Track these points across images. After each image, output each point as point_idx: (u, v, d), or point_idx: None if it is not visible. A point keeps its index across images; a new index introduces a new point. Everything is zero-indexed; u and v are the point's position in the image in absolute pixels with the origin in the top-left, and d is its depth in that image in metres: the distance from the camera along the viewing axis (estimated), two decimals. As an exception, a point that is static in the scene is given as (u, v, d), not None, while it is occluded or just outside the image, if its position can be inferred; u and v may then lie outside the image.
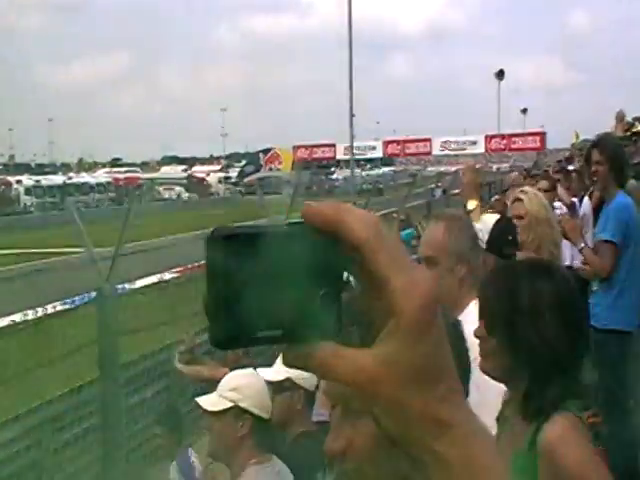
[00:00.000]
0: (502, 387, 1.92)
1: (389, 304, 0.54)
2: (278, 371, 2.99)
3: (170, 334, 8.00)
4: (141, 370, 7.14)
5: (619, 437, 4.27)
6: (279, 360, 3.17)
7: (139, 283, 8.32)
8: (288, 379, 2.98)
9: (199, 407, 2.81)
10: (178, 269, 14.14)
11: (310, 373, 0.57)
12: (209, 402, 2.76)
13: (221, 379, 5.03)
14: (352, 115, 12.79)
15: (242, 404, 2.71)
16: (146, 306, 8.32)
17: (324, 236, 0.55)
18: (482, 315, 1.90)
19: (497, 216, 4.22)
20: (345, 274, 0.58)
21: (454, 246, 2.55)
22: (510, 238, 3.47)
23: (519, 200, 3.79)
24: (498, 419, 1.93)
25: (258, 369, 2.96)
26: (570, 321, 1.80)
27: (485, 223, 3.52)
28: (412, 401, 0.55)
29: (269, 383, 2.91)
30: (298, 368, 0.57)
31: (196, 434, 6.83)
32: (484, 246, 2.99)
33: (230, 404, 2.71)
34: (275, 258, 0.55)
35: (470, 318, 2.32)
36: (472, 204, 4.22)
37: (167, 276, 12.23)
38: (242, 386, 2.76)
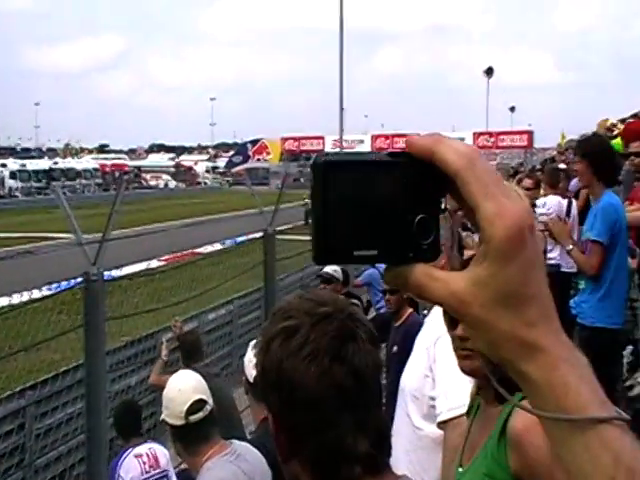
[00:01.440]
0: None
1: (480, 230, 0.57)
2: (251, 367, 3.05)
3: (156, 321, 8.01)
4: (126, 356, 7.14)
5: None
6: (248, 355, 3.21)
7: (126, 270, 8.30)
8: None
9: None
10: (165, 257, 14.12)
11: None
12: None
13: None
14: (342, 108, 12.80)
15: (163, 415, 2.88)
16: (132, 293, 8.29)
17: (423, 165, 0.59)
18: None
19: None
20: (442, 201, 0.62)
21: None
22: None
23: None
24: (467, 413, 1.95)
25: None
26: None
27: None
28: (500, 323, 0.57)
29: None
30: (396, 286, 0.62)
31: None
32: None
33: (162, 416, 2.90)
34: (375, 183, 0.60)
35: None
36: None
37: (154, 264, 12.21)
38: (163, 396, 2.93)
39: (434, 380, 2.33)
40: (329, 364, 1.06)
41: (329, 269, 7.46)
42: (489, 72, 76.62)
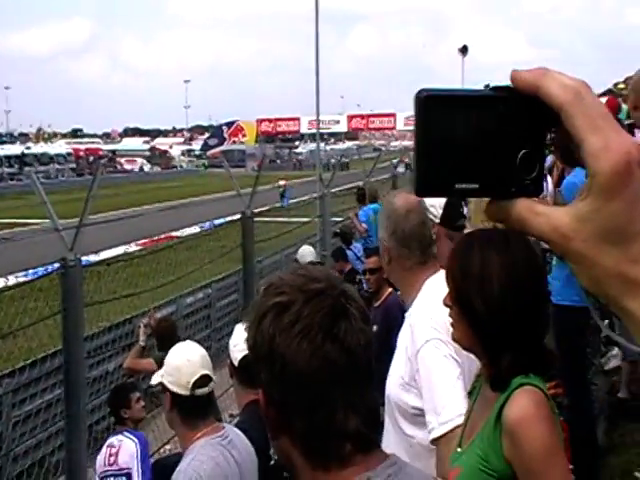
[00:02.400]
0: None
1: (585, 165, 0.57)
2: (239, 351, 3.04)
3: (134, 306, 7.96)
4: (104, 342, 7.09)
5: (578, 407, 4.37)
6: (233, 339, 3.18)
7: (103, 255, 8.23)
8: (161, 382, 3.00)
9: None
10: (142, 241, 14.03)
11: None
12: (153, 377, 2.91)
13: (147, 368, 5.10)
14: (318, 89, 12.63)
15: (164, 380, 2.82)
16: (110, 278, 8.22)
17: (528, 99, 0.59)
18: (447, 284, 1.92)
19: None
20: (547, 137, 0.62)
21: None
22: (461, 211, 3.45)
23: None
24: (470, 393, 1.95)
25: None
26: (520, 291, 1.80)
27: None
28: (603, 259, 0.57)
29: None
30: (498, 220, 0.61)
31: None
32: (437, 220, 2.95)
33: (159, 379, 2.83)
34: (478, 118, 0.60)
35: None
36: None
37: (131, 248, 12.13)
38: (167, 362, 2.87)
39: (419, 391, 2.25)
40: (322, 341, 1.05)
41: (310, 256, 7.43)
42: (464, 51, 76.53)
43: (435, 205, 2.99)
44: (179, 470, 2.59)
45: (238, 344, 3.12)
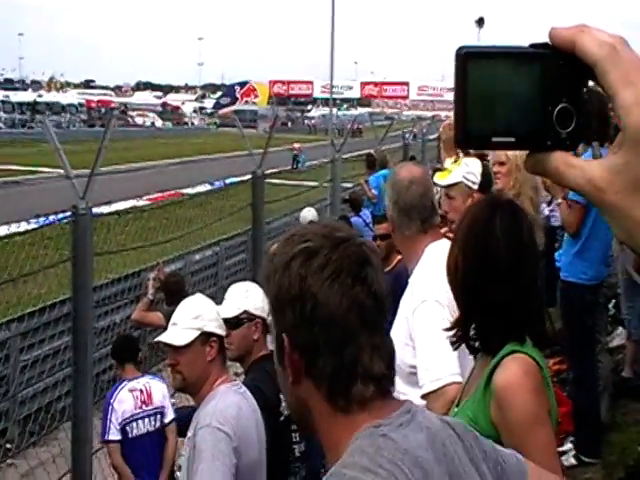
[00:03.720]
0: None
1: (618, 118, 0.59)
2: (232, 307, 3.13)
3: (142, 259, 8.00)
4: (112, 293, 7.14)
5: (583, 383, 4.41)
6: (230, 296, 3.20)
7: (114, 207, 8.24)
8: (245, 312, 3.08)
9: (166, 345, 2.81)
10: (152, 196, 14.03)
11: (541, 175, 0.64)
12: (175, 338, 2.77)
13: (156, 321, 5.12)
14: (333, 52, 12.37)
15: (207, 329, 2.76)
16: (119, 230, 8.25)
17: (565, 55, 0.61)
18: (453, 237, 2.03)
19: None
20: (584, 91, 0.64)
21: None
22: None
23: None
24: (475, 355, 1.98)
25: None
26: (518, 258, 1.83)
27: (471, 165, 3.51)
28: (635, 211, 0.58)
29: (226, 321, 2.96)
30: (535, 172, 0.64)
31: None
32: (475, 187, 3.06)
33: (197, 332, 2.74)
34: (516, 73, 0.62)
35: None
36: (450, 161, 4.23)
37: (140, 203, 12.12)
38: (203, 312, 2.81)
39: (414, 349, 2.34)
40: (352, 283, 1.08)
41: (311, 217, 7.43)
42: (480, 22, 75.43)
43: (474, 172, 3.06)
44: (205, 413, 2.62)
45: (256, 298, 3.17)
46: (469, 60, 0.62)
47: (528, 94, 0.62)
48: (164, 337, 2.79)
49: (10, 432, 5.68)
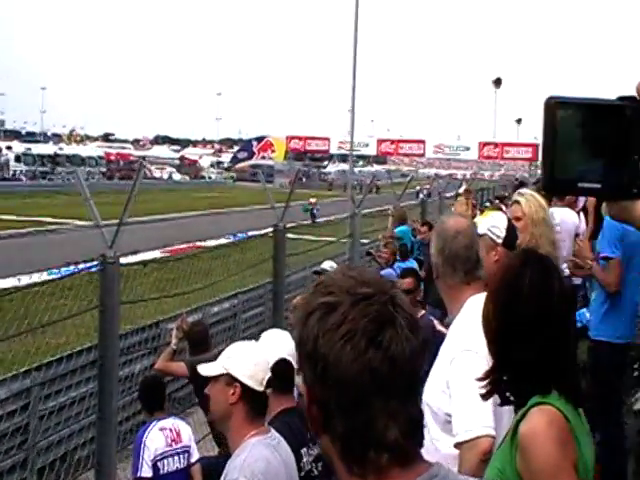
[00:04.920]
0: None
1: None
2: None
3: (161, 310, 8.04)
4: (132, 343, 7.17)
5: (609, 444, 4.34)
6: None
7: (136, 257, 8.32)
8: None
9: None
10: (171, 248, 14.17)
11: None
12: (204, 367, 2.88)
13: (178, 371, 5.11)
14: (353, 108, 12.62)
15: (233, 372, 2.79)
16: (138, 281, 8.33)
17: None
18: (488, 290, 2.05)
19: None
20: None
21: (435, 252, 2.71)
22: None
23: (517, 203, 3.90)
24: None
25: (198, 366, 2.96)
26: (547, 314, 1.86)
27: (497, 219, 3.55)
28: None
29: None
30: (621, 219, 0.69)
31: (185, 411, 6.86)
32: (499, 241, 3.10)
33: (222, 370, 2.80)
34: (603, 123, 0.66)
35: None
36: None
37: (159, 255, 12.24)
38: (235, 355, 2.85)
39: (450, 397, 2.35)
40: (365, 347, 1.03)
41: (327, 266, 7.47)
42: (497, 83, 76.57)
43: (499, 227, 3.10)
44: (233, 467, 2.62)
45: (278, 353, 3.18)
46: (557, 109, 0.66)
47: (615, 143, 0.66)
48: (201, 366, 2.90)
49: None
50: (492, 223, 3.17)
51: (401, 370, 1.05)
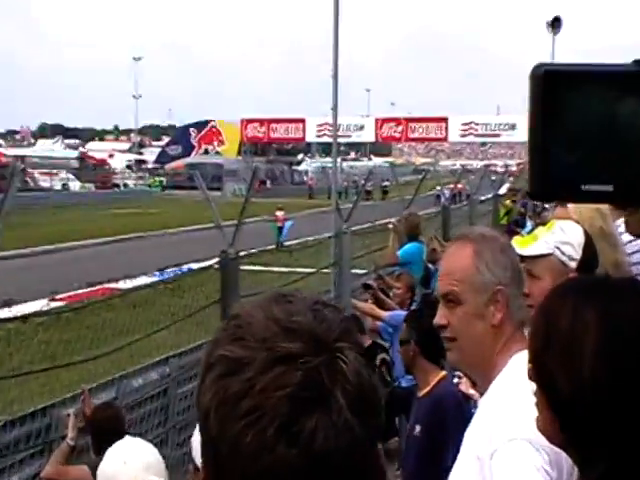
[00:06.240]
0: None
1: None
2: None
3: (51, 389, 8.05)
4: (14, 438, 7.16)
5: None
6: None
7: (14, 310, 8.39)
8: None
9: None
10: (67, 294, 14.24)
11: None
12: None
13: None
14: (336, 69, 11.97)
15: None
16: (14, 346, 8.37)
17: None
18: (529, 349, 2.01)
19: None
20: None
21: (485, 278, 2.57)
22: None
23: (562, 205, 3.92)
24: None
25: None
26: (621, 367, 1.86)
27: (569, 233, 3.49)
28: None
29: None
30: None
31: None
32: (573, 265, 3.06)
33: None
34: (616, 101, 0.66)
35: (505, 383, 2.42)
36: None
37: (52, 304, 12.28)
38: (100, 470, 3.11)
39: None
40: (274, 439, 1.01)
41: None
42: (555, 24, 77.43)
43: (573, 243, 3.08)
44: None
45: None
46: (551, 82, 0.66)
47: (633, 128, 0.65)
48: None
49: None
50: (562, 238, 3.12)
51: (330, 469, 1.03)
